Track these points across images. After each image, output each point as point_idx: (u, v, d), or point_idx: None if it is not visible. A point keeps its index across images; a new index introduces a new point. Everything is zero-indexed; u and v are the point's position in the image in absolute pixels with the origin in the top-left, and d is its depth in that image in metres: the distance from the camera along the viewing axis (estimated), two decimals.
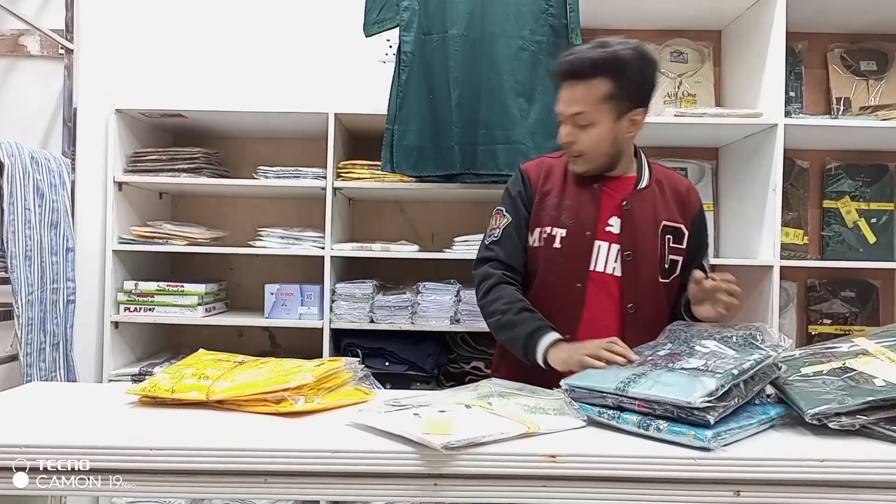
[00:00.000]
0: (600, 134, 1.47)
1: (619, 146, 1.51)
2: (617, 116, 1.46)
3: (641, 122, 1.50)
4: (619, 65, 1.43)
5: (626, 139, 1.51)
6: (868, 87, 2.57)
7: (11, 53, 2.58)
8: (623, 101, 1.45)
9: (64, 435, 1.10)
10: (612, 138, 1.48)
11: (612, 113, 1.45)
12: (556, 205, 1.56)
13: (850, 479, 1.02)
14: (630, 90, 1.45)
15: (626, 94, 1.45)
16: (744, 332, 1.24)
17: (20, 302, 2.03)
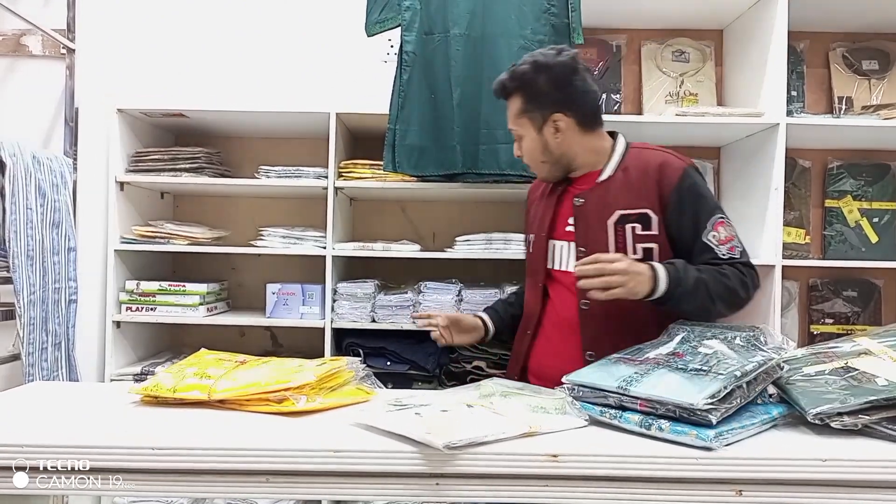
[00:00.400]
0: (529, 145, 1.59)
1: (555, 151, 1.58)
2: (538, 126, 1.56)
3: (566, 125, 1.55)
4: (521, 81, 1.55)
5: (559, 144, 1.57)
6: (870, 87, 2.57)
7: (13, 53, 2.58)
8: (537, 111, 1.55)
9: (66, 434, 1.10)
10: (542, 147, 1.58)
11: (532, 124, 1.57)
12: (532, 214, 1.74)
13: (853, 479, 1.02)
14: (540, 100, 1.55)
15: (538, 105, 1.55)
16: (747, 333, 1.24)
17: (22, 302, 2.03)
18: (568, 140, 1.57)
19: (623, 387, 1.13)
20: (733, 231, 1.51)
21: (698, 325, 1.32)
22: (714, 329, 1.29)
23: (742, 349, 1.18)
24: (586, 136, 1.58)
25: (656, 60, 2.59)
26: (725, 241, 1.48)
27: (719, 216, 1.50)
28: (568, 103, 1.54)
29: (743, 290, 1.47)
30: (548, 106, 1.54)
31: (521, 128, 1.59)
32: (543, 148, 1.58)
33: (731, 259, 1.48)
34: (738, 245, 1.50)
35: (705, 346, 1.21)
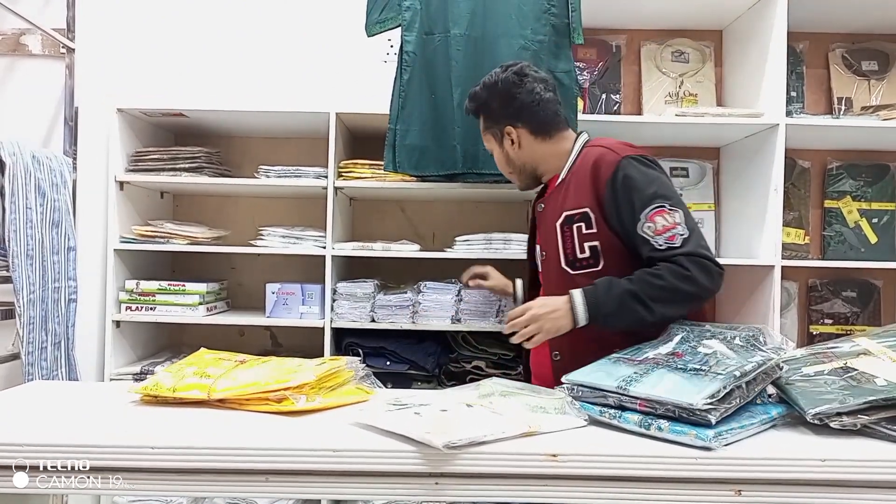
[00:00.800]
0: (497, 158, 1.74)
1: (517, 161, 1.69)
2: (499, 140, 1.69)
3: (518, 136, 1.65)
4: (476, 101, 1.71)
5: (518, 154, 1.68)
6: (869, 87, 2.57)
7: (13, 53, 2.58)
8: (494, 127, 1.69)
9: (65, 434, 1.10)
10: (505, 159, 1.71)
11: (494, 139, 1.71)
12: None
13: (852, 479, 1.02)
14: (494, 116, 1.68)
15: (493, 120, 1.69)
16: (746, 333, 1.24)
17: (22, 301, 2.03)
18: (526, 149, 1.67)
19: (622, 387, 1.13)
20: (676, 218, 1.42)
21: (698, 326, 1.32)
22: (713, 329, 1.29)
23: (741, 349, 1.18)
24: (544, 143, 1.66)
25: (656, 61, 2.59)
26: (663, 230, 1.42)
27: (656, 206, 1.43)
28: (516, 115, 1.65)
29: (686, 284, 1.38)
30: (500, 120, 1.67)
31: (489, 143, 1.73)
32: (507, 160, 1.71)
33: (670, 249, 1.41)
34: (682, 232, 1.41)
35: (705, 346, 1.21)
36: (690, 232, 1.43)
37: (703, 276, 1.39)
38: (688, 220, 1.44)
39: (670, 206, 1.43)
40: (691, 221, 1.45)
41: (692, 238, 1.42)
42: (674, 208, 1.44)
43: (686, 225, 1.43)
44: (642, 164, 1.50)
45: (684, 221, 1.43)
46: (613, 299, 1.40)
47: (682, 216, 1.44)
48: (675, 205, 1.45)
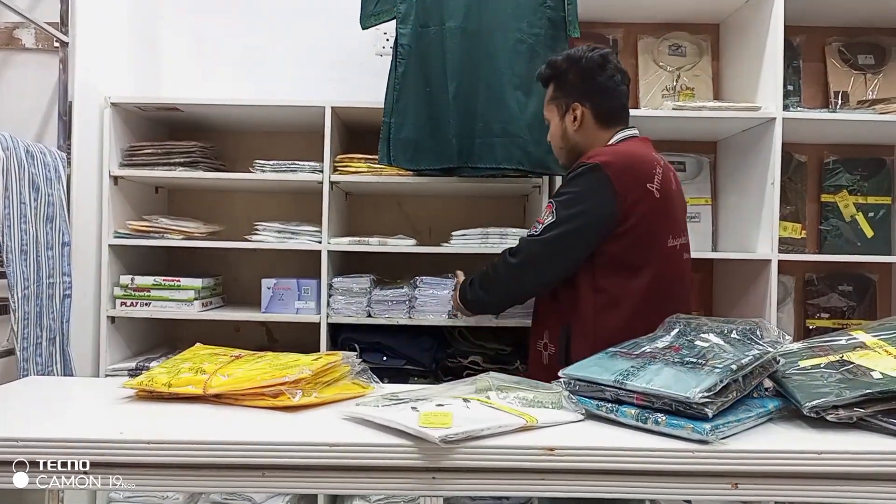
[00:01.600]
0: (553, 130, 1.77)
1: (570, 140, 1.72)
2: (561, 113, 1.72)
3: (580, 115, 1.69)
4: (553, 69, 1.73)
5: (574, 132, 1.71)
6: (866, 81, 2.57)
7: (6, 47, 2.56)
8: (562, 99, 1.72)
9: (60, 429, 1.10)
10: (562, 133, 1.74)
11: (557, 111, 1.74)
12: None
13: (848, 472, 1.03)
14: (565, 89, 1.71)
15: (563, 94, 1.72)
16: (743, 327, 1.24)
17: (16, 296, 2.02)
18: (583, 131, 1.70)
19: (619, 380, 1.13)
20: (548, 219, 1.59)
21: (695, 319, 1.32)
22: (711, 323, 1.29)
23: (738, 343, 1.18)
24: (600, 132, 1.69)
25: (653, 54, 2.59)
26: (538, 221, 1.63)
27: (552, 200, 1.61)
28: (589, 95, 1.68)
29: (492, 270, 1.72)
30: (571, 94, 1.70)
31: (550, 113, 1.76)
32: (562, 134, 1.74)
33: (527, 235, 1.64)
34: (537, 230, 1.60)
35: (702, 340, 1.21)
36: (540, 236, 1.59)
37: (498, 264, 1.70)
38: (549, 229, 1.57)
39: (556, 206, 1.59)
40: (552, 236, 1.57)
41: (534, 239, 1.60)
42: (554, 213, 1.58)
43: (544, 229, 1.58)
44: (587, 174, 1.57)
45: (547, 226, 1.58)
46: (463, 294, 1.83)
47: (551, 223, 1.58)
48: (557, 213, 1.57)
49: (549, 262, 1.59)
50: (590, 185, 1.56)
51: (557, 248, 1.57)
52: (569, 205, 1.57)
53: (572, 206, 1.56)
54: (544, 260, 1.59)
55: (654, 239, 1.59)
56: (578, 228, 1.56)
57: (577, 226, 1.56)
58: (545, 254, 1.58)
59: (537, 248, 1.59)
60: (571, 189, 1.58)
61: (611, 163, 1.55)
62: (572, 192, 1.58)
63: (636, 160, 1.60)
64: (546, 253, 1.58)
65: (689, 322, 1.31)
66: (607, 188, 1.54)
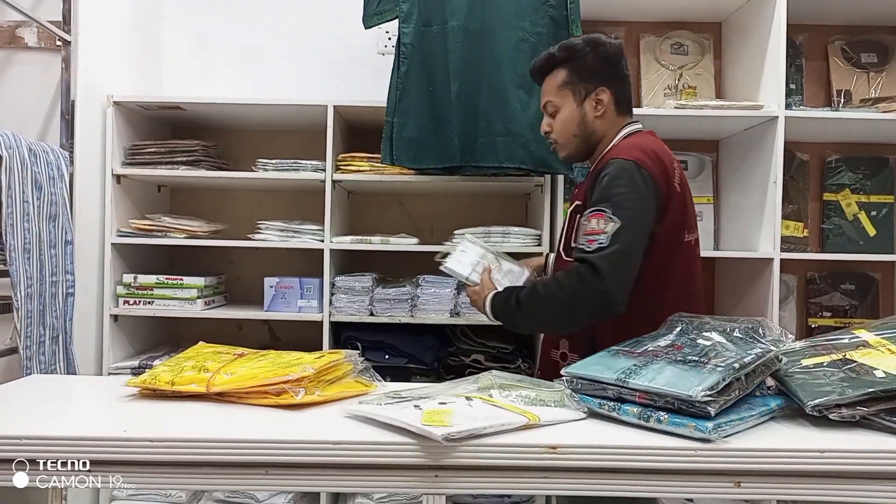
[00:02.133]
0: (565, 116, 1.62)
1: (588, 127, 1.61)
2: (580, 99, 1.60)
3: (606, 100, 1.59)
4: (571, 52, 1.59)
5: (594, 119, 1.60)
6: (869, 80, 2.57)
7: (8, 45, 2.56)
8: (580, 83, 1.59)
9: (63, 427, 1.10)
10: (579, 120, 1.61)
11: (574, 96, 1.60)
12: None
13: (851, 470, 1.02)
14: (584, 73, 1.59)
15: (582, 78, 1.59)
16: (746, 325, 1.24)
17: (19, 295, 2.02)
18: (604, 119, 1.60)
19: (622, 379, 1.13)
20: (607, 228, 1.39)
21: (697, 318, 1.32)
22: (713, 321, 1.29)
23: (741, 341, 1.18)
24: (616, 120, 1.62)
25: (655, 53, 2.59)
26: (590, 232, 1.42)
27: (601, 208, 1.42)
28: (613, 81, 1.59)
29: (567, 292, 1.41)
30: (595, 80, 1.59)
31: (561, 99, 1.61)
32: (580, 120, 1.60)
33: (582, 251, 1.41)
34: (603, 242, 1.39)
35: (704, 338, 1.21)
36: (610, 247, 1.38)
37: (581, 289, 1.39)
38: (618, 236, 1.38)
39: (611, 214, 1.40)
40: (623, 242, 1.39)
41: (608, 253, 1.38)
42: (612, 219, 1.40)
43: (612, 238, 1.38)
44: (628, 172, 1.44)
45: (613, 234, 1.38)
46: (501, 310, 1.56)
47: (616, 229, 1.39)
48: (618, 217, 1.39)
49: (629, 269, 1.41)
50: (635, 183, 1.43)
51: (631, 251, 1.41)
52: (623, 206, 1.41)
53: (626, 206, 1.41)
54: (626, 268, 1.41)
55: (678, 236, 1.52)
56: (639, 227, 1.43)
57: (638, 225, 1.42)
58: (626, 262, 1.40)
59: (617, 260, 1.38)
60: (618, 190, 1.42)
61: (645, 160, 1.46)
62: (620, 192, 1.42)
63: (662, 155, 1.51)
64: (626, 262, 1.41)
65: (691, 320, 1.31)
66: (650, 186, 1.44)
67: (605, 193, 1.44)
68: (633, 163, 1.45)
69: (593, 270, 1.37)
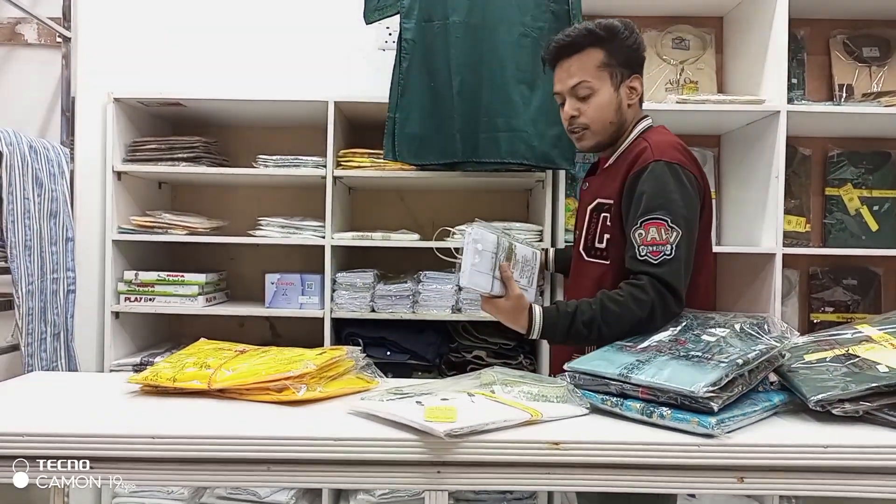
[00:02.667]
0: (602, 101, 1.50)
1: (623, 115, 1.52)
2: (617, 83, 1.50)
3: (640, 89, 1.52)
4: (608, 33, 1.48)
5: (627, 107, 1.52)
6: (871, 74, 2.56)
7: (9, 42, 2.56)
8: (618, 67, 1.49)
9: (65, 424, 1.10)
10: (616, 105, 1.51)
11: (611, 79, 1.49)
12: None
13: (854, 465, 1.02)
14: (622, 57, 1.49)
15: (620, 62, 1.49)
16: (750, 321, 1.23)
17: (20, 292, 2.02)
18: (634, 108, 1.54)
19: (624, 374, 1.12)
20: (670, 238, 1.35)
21: (701, 314, 1.31)
22: (717, 317, 1.28)
23: (745, 337, 1.18)
24: (637, 111, 1.56)
25: (656, 48, 2.58)
26: (651, 242, 1.36)
27: (657, 217, 1.36)
28: (641, 70, 1.53)
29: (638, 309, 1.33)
30: (632, 66, 1.51)
31: (599, 81, 1.49)
32: (618, 107, 1.51)
33: (647, 263, 1.35)
34: (668, 254, 1.34)
35: (708, 334, 1.21)
36: (676, 258, 1.35)
37: (658, 306, 1.33)
38: (680, 246, 1.35)
39: (671, 222, 1.36)
40: (684, 250, 1.36)
41: (673, 264, 1.35)
42: (673, 227, 1.36)
43: (676, 249, 1.35)
44: (672, 173, 1.39)
45: (676, 244, 1.35)
46: (563, 333, 1.38)
47: (678, 239, 1.35)
48: (677, 225, 1.36)
49: (688, 277, 1.39)
50: (684, 187, 1.39)
51: (690, 259, 1.39)
52: (680, 212, 1.37)
53: (683, 211, 1.37)
54: (688, 279, 1.39)
55: (709, 237, 1.51)
56: (694, 233, 1.40)
57: (693, 231, 1.40)
58: (687, 272, 1.38)
59: (683, 272, 1.36)
60: (672, 196, 1.37)
61: (686, 162, 1.41)
62: (675, 199, 1.37)
63: (691, 153, 1.48)
64: (687, 271, 1.38)
65: (695, 316, 1.31)
66: (695, 190, 1.41)
67: (660, 200, 1.37)
68: (679, 166, 1.40)
69: (666, 287, 1.33)
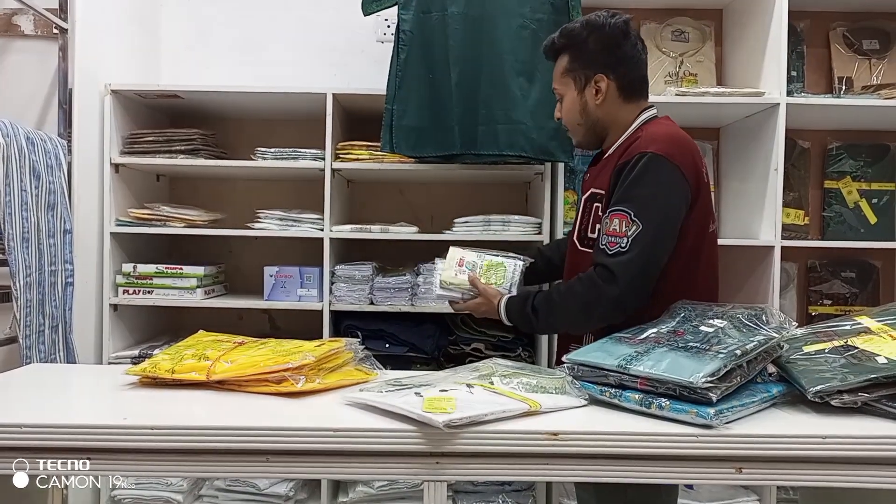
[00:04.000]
0: (568, 105, 1.57)
1: (592, 115, 1.55)
2: (580, 86, 1.54)
3: (605, 88, 1.51)
4: (569, 39, 1.54)
5: (596, 107, 1.53)
6: (870, 67, 2.55)
7: (5, 33, 2.55)
8: (580, 70, 1.53)
9: (64, 415, 1.10)
10: (580, 108, 1.55)
11: (574, 83, 1.55)
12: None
13: (852, 456, 1.03)
14: (584, 59, 1.53)
15: (582, 64, 1.53)
16: (749, 312, 1.23)
17: (18, 284, 2.02)
18: (606, 106, 1.53)
19: (623, 365, 1.12)
20: (629, 231, 1.35)
21: (700, 305, 1.31)
22: (716, 308, 1.28)
23: (743, 328, 1.18)
24: (624, 106, 1.53)
25: (656, 40, 2.57)
26: (611, 233, 1.37)
27: (622, 209, 1.37)
28: (613, 66, 1.51)
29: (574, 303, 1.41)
30: (593, 66, 1.52)
31: (564, 86, 1.57)
32: (582, 109, 1.55)
33: (603, 253, 1.37)
34: (622, 246, 1.35)
35: (706, 325, 1.21)
36: (629, 251, 1.35)
37: (593, 297, 1.37)
38: (638, 241, 1.34)
39: (634, 216, 1.35)
40: (644, 247, 1.35)
41: (624, 256, 1.35)
42: (635, 221, 1.35)
43: (631, 242, 1.34)
44: (653, 166, 1.38)
45: (634, 239, 1.34)
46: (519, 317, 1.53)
47: (636, 233, 1.35)
48: (641, 219, 1.35)
49: (647, 276, 1.38)
50: (662, 178, 1.38)
51: (652, 258, 1.38)
52: (647, 207, 1.36)
53: (651, 206, 1.36)
54: (644, 275, 1.37)
55: (705, 227, 1.47)
56: (664, 229, 1.38)
57: (664, 227, 1.38)
58: (645, 269, 1.37)
59: (635, 267, 1.35)
60: (643, 190, 1.37)
61: (674, 151, 1.39)
62: (645, 193, 1.37)
63: (689, 144, 1.45)
64: (646, 268, 1.37)
65: (694, 307, 1.31)
66: (680, 180, 1.38)
67: (630, 192, 1.38)
68: (663, 157, 1.38)
69: (610, 276, 1.35)
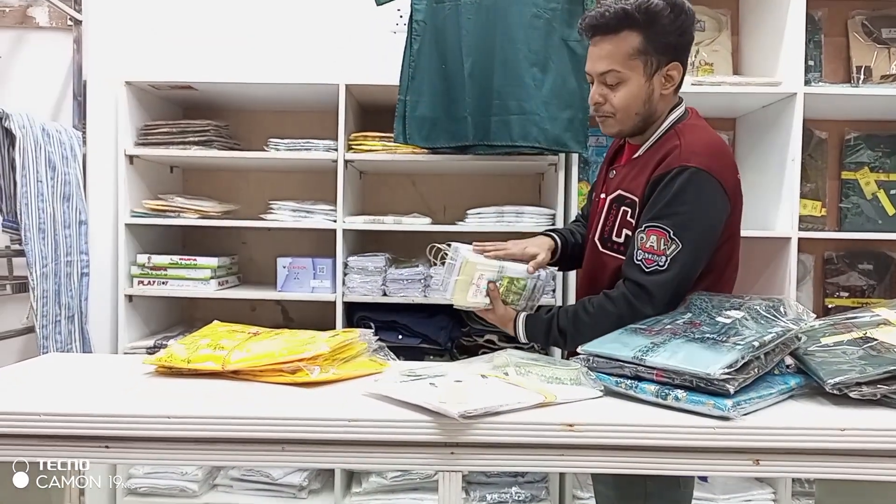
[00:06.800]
0: (630, 92, 1.38)
1: (652, 106, 1.40)
2: (650, 72, 1.36)
3: (678, 77, 1.39)
4: (648, 16, 1.32)
5: (659, 97, 1.39)
6: (889, 56, 2.51)
7: (20, 25, 2.56)
8: (654, 55, 1.35)
9: (81, 403, 1.10)
10: (646, 96, 1.38)
11: (644, 68, 1.36)
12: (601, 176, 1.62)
13: (871, 448, 1.01)
14: (662, 43, 1.34)
15: (658, 48, 1.35)
16: (766, 303, 1.22)
17: (35, 274, 2.04)
18: (668, 97, 1.41)
19: (639, 357, 1.11)
20: (668, 250, 1.30)
21: (717, 295, 1.30)
22: (733, 299, 1.27)
23: (761, 319, 1.17)
24: (670, 100, 1.43)
25: None
26: (648, 249, 1.31)
27: (663, 226, 1.30)
28: (683, 55, 1.39)
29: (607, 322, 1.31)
30: (668, 52, 1.36)
31: (630, 70, 1.36)
32: (647, 98, 1.38)
33: (639, 269, 1.32)
34: (661, 265, 1.30)
35: (724, 316, 1.20)
36: (667, 271, 1.30)
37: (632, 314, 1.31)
38: (676, 260, 1.30)
39: (674, 235, 1.30)
40: (682, 267, 1.30)
41: (665, 278, 1.30)
42: (675, 239, 1.30)
43: (670, 262, 1.30)
44: (695, 183, 1.30)
45: (673, 258, 1.30)
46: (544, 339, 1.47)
47: (675, 252, 1.30)
48: (680, 239, 1.29)
49: (681, 293, 1.33)
50: (703, 196, 1.31)
51: (688, 276, 1.33)
52: (687, 225, 1.30)
53: (692, 225, 1.30)
54: (678, 294, 1.33)
55: (738, 233, 1.42)
56: (702, 248, 1.33)
57: (702, 246, 1.33)
58: (679, 288, 1.32)
59: (672, 287, 1.31)
60: (684, 207, 1.30)
61: (715, 165, 1.31)
62: (686, 210, 1.30)
63: (727, 153, 1.38)
64: (679, 287, 1.32)
65: (710, 298, 1.29)
66: (722, 197, 1.32)
67: (671, 209, 1.31)
68: (705, 173, 1.30)
69: (646, 296, 1.31)
